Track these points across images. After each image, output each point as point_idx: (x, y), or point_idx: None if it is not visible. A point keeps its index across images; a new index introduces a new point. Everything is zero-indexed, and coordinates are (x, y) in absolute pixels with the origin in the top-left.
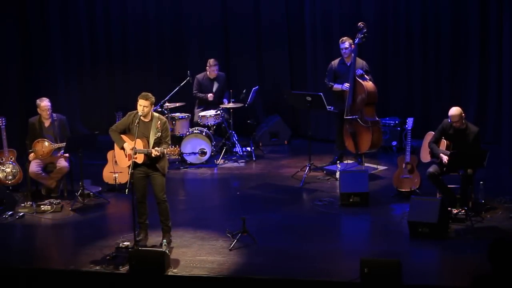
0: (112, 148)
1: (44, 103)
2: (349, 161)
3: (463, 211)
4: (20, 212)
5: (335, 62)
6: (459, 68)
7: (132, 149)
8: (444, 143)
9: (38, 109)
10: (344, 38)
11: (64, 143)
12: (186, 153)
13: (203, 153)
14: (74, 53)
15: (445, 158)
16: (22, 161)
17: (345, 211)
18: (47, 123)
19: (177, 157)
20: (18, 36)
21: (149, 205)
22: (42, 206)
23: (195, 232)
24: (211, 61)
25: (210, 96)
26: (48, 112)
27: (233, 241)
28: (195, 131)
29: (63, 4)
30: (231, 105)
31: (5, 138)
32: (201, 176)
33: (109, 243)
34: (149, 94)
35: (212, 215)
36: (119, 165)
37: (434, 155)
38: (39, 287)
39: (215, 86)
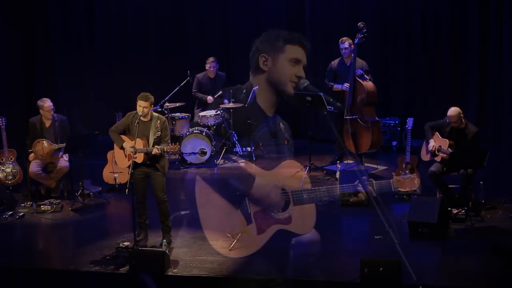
0: (112, 148)
1: (47, 103)
2: (349, 161)
3: (463, 211)
4: (20, 212)
5: (335, 62)
6: (459, 68)
7: (132, 147)
8: (446, 142)
9: (41, 110)
10: (344, 38)
11: (64, 144)
12: (186, 153)
13: (203, 153)
14: (74, 53)
15: (431, 144)
16: (22, 161)
17: (345, 211)
18: (48, 123)
19: (177, 156)
20: (19, 36)
21: (149, 205)
22: (42, 206)
23: (195, 232)
24: (210, 58)
25: (209, 99)
26: (51, 112)
27: (233, 241)
28: (195, 131)
29: (64, 4)
30: (231, 105)
31: (5, 138)
32: (201, 176)
33: (109, 243)
34: (149, 94)
35: (212, 215)
36: (119, 165)
37: (426, 136)
38: (39, 287)
39: (220, 95)
